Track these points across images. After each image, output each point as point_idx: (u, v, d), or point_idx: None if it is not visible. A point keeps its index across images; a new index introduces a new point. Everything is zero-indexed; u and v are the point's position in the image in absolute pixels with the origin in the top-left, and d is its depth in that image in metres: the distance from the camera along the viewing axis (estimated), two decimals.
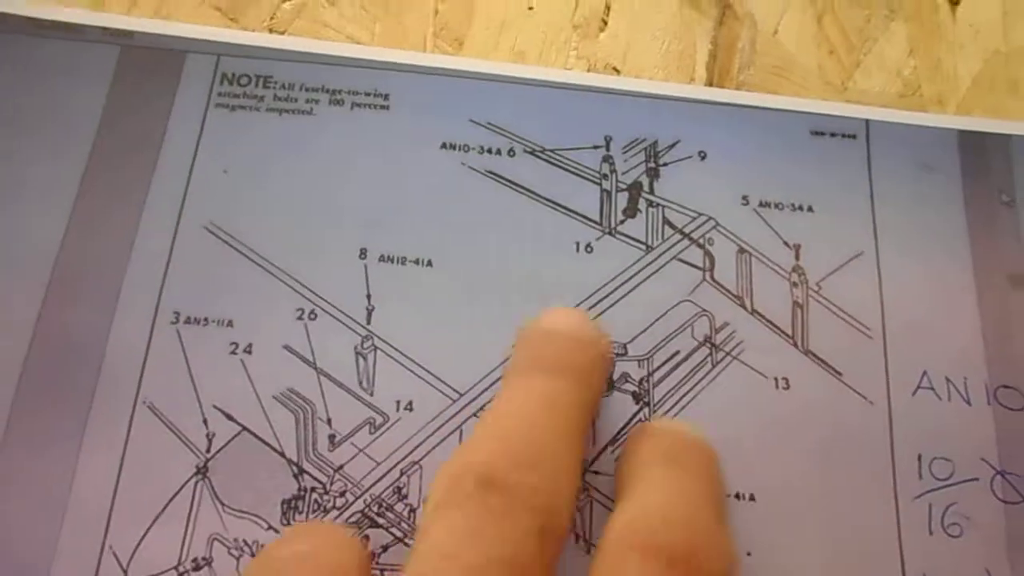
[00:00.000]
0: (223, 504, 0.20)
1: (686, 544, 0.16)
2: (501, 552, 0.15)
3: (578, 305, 0.23)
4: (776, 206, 0.25)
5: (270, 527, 0.20)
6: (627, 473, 0.19)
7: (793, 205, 0.25)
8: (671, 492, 0.18)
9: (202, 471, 0.21)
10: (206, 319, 0.22)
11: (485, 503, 0.16)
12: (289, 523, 0.20)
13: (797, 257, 0.24)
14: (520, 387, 0.19)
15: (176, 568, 0.20)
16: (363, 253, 0.23)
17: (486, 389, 0.22)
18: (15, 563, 0.20)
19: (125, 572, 0.20)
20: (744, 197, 0.25)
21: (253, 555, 0.20)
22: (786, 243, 0.24)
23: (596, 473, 0.21)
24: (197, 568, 0.20)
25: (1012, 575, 0.21)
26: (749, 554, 0.21)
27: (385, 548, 0.20)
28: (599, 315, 0.23)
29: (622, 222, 0.24)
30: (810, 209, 0.25)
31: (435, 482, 0.17)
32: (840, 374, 0.23)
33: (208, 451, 0.21)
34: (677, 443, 0.19)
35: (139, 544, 0.20)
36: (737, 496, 0.21)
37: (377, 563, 0.20)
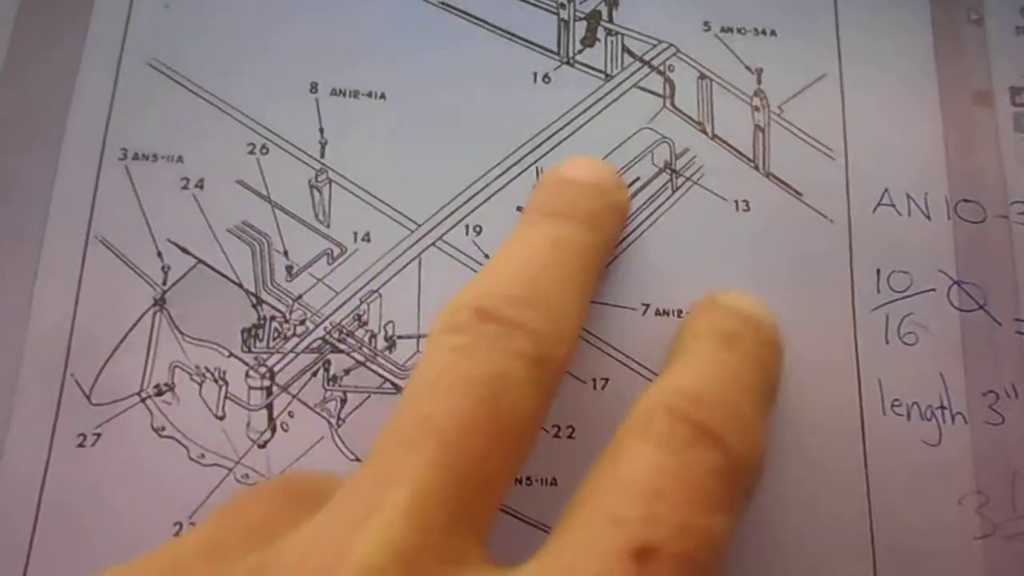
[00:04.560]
0: (182, 333, 0.21)
1: (722, 426, 0.15)
2: (494, 369, 0.15)
3: (537, 136, 0.23)
4: (738, 31, 0.24)
5: (231, 354, 0.20)
6: (681, 343, 0.19)
7: (756, 30, 0.24)
8: (721, 373, 0.17)
9: (159, 303, 0.21)
10: (155, 155, 0.22)
11: (479, 329, 0.16)
12: (250, 350, 0.21)
13: (759, 81, 0.23)
14: (526, 231, 0.19)
15: (139, 394, 0.20)
16: (314, 87, 0.23)
17: (444, 219, 0.22)
18: None
19: (88, 397, 0.20)
20: (705, 23, 0.24)
21: (215, 381, 0.20)
22: (748, 68, 0.23)
23: None
24: (160, 393, 0.20)
25: (966, 378, 0.21)
26: None
27: (347, 371, 0.21)
28: (558, 144, 0.23)
29: (580, 51, 0.24)
30: (773, 33, 0.24)
31: (435, 318, 0.17)
32: (800, 194, 0.22)
33: (164, 283, 0.21)
34: (741, 324, 0.18)
35: (100, 372, 0.20)
36: None
37: (340, 385, 0.21)
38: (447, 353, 0.16)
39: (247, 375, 0.20)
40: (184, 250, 0.21)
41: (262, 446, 0.20)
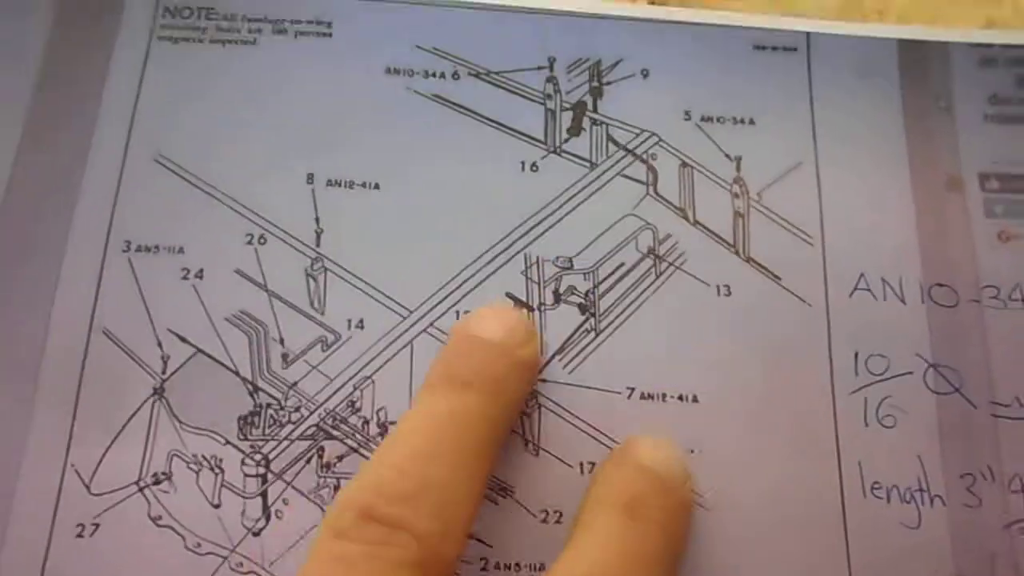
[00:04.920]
0: (180, 422, 0.21)
1: None
2: None
3: (525, 222, 0.24)
4: (718, 120, 0.25)
5: (227, 442, 0.21)
6: (587, 509, 0.19)
7: (734, 119, 0.25)
8: (620, 551, 0.18)
9: (159, 392, 0.21)
10: (157, 247, 0.23)
11: (362, 535, 0.16)
12: (246, 438, 0.21)
13: (738, 169, 0.24)
14: (424, 406, 0.19)
15: (137, 483, 0.21)
16: (310, 178, 0.24)
17: (435, 306, 0.23)
18: None
19: (88, 488, 0.20)
20: (686, 112, 0.25)
21: (211, 469, 0.21)
22: (727, 156, 0.24)
23: (544, 381, 0.22)
24: (157, 482, 0.21)
25: (943, 460, 0.21)
26: (692, 451, 0.22)
27: (340, 458, 0.21)
28: (546, 231, 0.24)
29: (566, 141, 0.25)
30: (751, 122, 0.25)
31: (326, 513, 0.17)
32: (779, 279, 0.23)
33: (164, 372, 0.21)
34: (648, 486, 0.19)
35: (100, 462, 0.21)
36: (680, 398, 0.22)
37: (333, 471, 0.21)
38: (328, 564, 0.16)
39: (243, 463, 0.21)
40: (183, 339, 0.22)
41: (256, 534, 0.20)
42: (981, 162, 0.24)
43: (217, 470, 0.21)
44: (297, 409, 0.22)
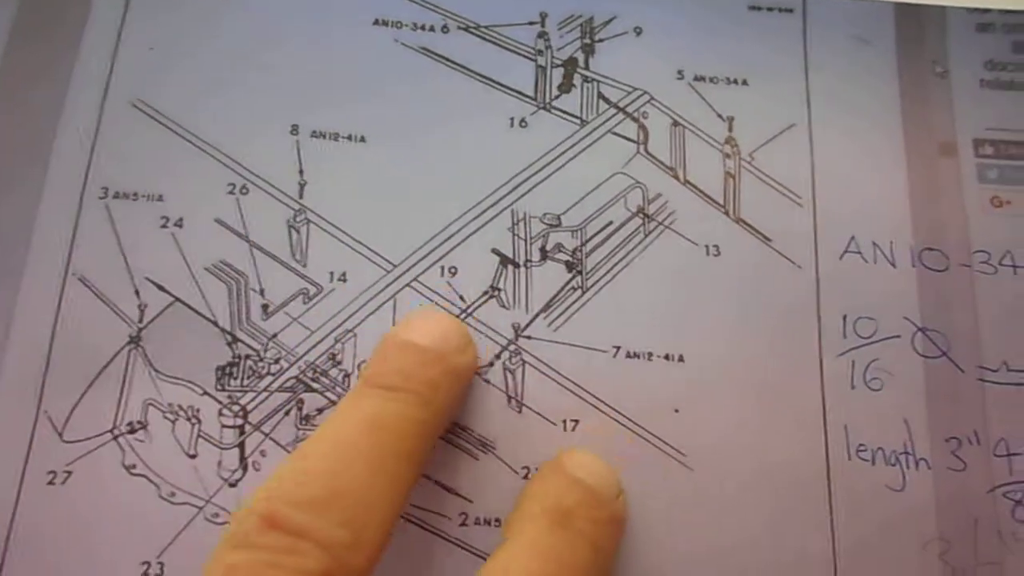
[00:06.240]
0: (157, 371, 0.21)
1: None
2: None
3: (513, 179, 0.23)
4: (711, 80, 0.24)
5: (205, 392, 0.21)
6: (518, 515, 0.19)
7: (728, 79, 0.24)
8: (544, 561, 0.17)
9: (135, 340, 0.21)
10: (135, 194, 0.22)
11: (266, 544, 0.15)
12: (224, 388, 0.21)
13: (731, 129, 0.24)
14: (349, 406, 0.18)
15: (111, 431, 0.20)
16: (295, 129, 0.23)
17: (419, 260, 0.22)
18: None
19: (60, 435, 0.20)
20: (679, 71, 0.25)
21: (188, 419, 0.20)
22: (720, 116, 0.24)
23: (528, 338, 0.22)
24: (132, 431, 0.20)
25: (929, 424, 0.21)
26: (677, 411, 0.21)
27: (320, 410, 0.21)
28: (534, 188, 0.23)
29: (557, 97, 0.24)
30: (745, 83, 0.24)
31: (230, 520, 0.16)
32: (769, 240, 0.23)
33: (141, 321, 0.21)
34: (579, 498, 0.18)
35: (73, 409, 0.20)
36: (666, 357, 0.22)
37: (312, 424, 0.21)
38: (222, 574, 0.15)
39: (220, 413, 0.20)
40: (161, 288, 0.21)
41: (233, 485, 0.20)
42: (976, 128, 0.24)
43: (194, 420, 0.20)
44: (277, 361, 0.21)
